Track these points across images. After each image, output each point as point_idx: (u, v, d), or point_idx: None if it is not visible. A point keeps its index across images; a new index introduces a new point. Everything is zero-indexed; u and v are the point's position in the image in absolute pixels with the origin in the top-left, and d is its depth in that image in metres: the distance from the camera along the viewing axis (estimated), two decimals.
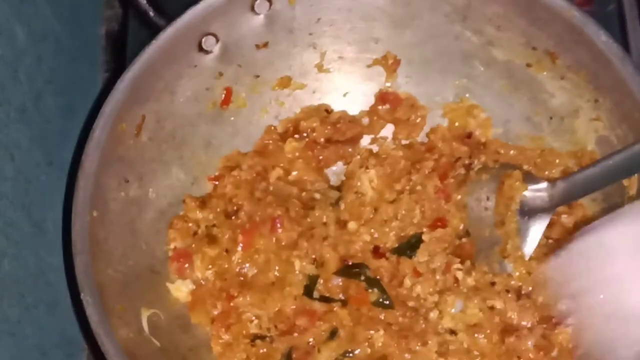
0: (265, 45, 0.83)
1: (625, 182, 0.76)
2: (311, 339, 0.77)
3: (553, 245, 0.78)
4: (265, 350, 0.76)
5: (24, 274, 0.70)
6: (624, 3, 0.90)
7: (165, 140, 0.80)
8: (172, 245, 0.80)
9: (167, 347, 0.75)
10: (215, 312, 0.78)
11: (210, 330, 0.78)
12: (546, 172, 0.82)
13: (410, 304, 0.77)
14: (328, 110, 0.87)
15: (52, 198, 0.77)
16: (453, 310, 0.75)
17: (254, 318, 0.78)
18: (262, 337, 0.77)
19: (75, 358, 0.82)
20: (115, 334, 0.69)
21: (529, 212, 0.76)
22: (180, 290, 0.79)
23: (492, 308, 0.74)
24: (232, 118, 0.85)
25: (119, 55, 0.94)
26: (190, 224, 0.81)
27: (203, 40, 0.78)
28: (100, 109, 0.73)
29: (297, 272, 0.79)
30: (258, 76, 0.85)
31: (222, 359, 0.76)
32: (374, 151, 0.86)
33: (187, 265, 0.79)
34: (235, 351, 0.76)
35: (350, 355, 0.76)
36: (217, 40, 0.79)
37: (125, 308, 0.73)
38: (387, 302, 0.77)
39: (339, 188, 0.84)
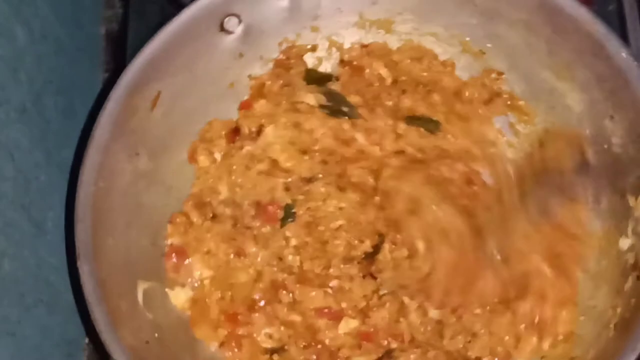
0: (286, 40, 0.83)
1: (631, 202, 0.75)
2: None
3: None
4: None
5: (24, 274, 0.70)
6: (624, 3, 0.89)
7: (180, 117, 0.80)
8: (169, 241, 0.79)
9: (160, 321, 0.75)
10: (223, 334, 0.77)
11: (219, 353, 0.77)
12: None
13: None
14: None
15: (52, 198, 0.77)
16: None
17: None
18: (278, 351, 0.77)
19: (75, 358, 0.82)
20: (107, 304, 0.68)
21: None
22: (179, 297, 0.78)
23: None
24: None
25: (119, 56, 0.94)
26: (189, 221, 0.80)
27: (225, 20, 0.78)
28: (101, 106, 0.73)
29: None
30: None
31: None
32: None
33: (183, 263, 0.79)
34: None
35: None
36: (240, 22, 0.79)
37: (122, 279, 0.73)
38: None
39: None
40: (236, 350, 0.77)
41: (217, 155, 0.82)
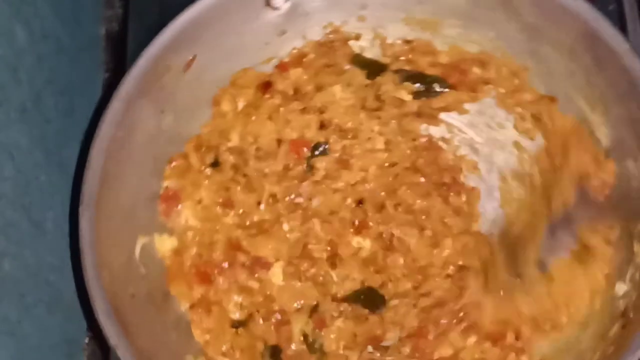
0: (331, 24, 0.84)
1: (636, 248, 0.74)
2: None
3: None
4: (247, 341, 0.76)
5: (24, 274, 0.70)
6: (624, 3, 0.90)
7: (213, 83, 0.81)
8: (165, 183, 0.79)
9: (152, 277, 0.75)
10: (197, 295, 0.77)
11: (190, 314, 0.77)
12: None
13: None
14: None
15: (52, 198, 0.77)
16: None
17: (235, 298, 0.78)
18: (244, 324, 0.77)
19: (75, 358, 0.82)
20: (100, 252, 0.69)
21: None
22: (164, 244, 0.78)
23: None
24: None
25: (119, 56, 0.93)
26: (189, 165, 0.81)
27: None
28: (103, 107, 0.74)
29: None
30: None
31: (207, 348, 0.76)
32: None
33: (175, 208, 0.78)
34: (220, 341, 0.76)
35: None
36: None
37: (122, 230, 0.73)
38: None
39: None
40: (204, 315, 0.77)
41: (240, 104, 0.82)
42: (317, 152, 0.83)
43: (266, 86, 0.83)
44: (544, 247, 0.78)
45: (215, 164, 0.81)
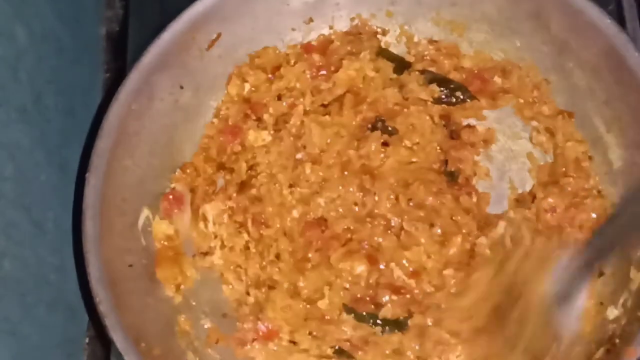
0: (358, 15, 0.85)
1: (632, 274, 0.74)
2: None
3: None
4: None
5: (24, 273, 0.71)
6: (624, 3, 0.90)
7: (235, 62, 0.82)
8: (172, 185, 0.80)
9: (151, 250, 0.76)
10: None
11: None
12: None
13: None
14: None
15: (52, 198, 0.78)
16: None
17: None
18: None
19: (75, 358, 0.82)
20: (102, 218, 0.70)
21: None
22: (160, 227, 0.78)
23: None
24: None
25: (120, 56, 0.94)
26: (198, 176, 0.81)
27: None
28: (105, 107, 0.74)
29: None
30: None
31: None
32: None
33: (175, 210, 0.79)
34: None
35: None
36: None
37: (128, 200, 0.74)
38: None
39: None
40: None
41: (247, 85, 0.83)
42: None
43: (277, 69, 0.83)
44: None
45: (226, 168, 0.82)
